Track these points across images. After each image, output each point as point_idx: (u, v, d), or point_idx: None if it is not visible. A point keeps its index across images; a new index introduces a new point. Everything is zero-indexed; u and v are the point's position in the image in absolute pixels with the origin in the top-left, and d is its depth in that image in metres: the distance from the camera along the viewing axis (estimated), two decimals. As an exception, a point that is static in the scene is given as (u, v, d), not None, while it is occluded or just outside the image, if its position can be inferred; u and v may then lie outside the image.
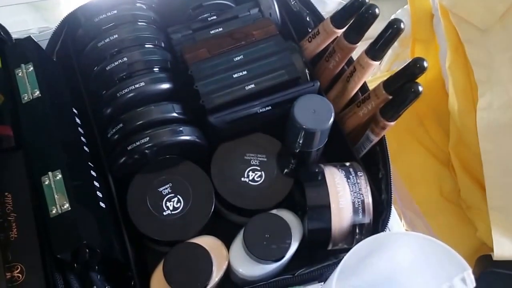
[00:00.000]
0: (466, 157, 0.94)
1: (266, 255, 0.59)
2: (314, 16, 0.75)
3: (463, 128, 0.93)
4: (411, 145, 1.03)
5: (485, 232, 0.88)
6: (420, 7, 0.99)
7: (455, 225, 0.98)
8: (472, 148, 0.91)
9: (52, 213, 0.55)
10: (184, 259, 0.59)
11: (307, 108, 0.61)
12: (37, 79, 0.62)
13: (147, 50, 0.67)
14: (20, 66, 0.62)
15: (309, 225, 0.61)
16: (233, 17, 0.72)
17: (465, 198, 0.95)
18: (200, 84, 0.64)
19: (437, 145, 1.02)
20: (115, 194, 0.64)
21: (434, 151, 1.02)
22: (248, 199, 0.64)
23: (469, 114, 0.91)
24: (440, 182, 1.00)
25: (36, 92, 0.61)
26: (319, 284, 0.61)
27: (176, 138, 0.63)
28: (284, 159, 0.66)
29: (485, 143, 0.86)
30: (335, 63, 0.70)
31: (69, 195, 0.55)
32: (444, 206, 0.99)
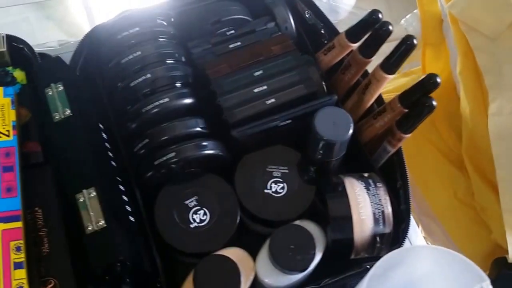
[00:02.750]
0: (479, 160, 0.96)
1: (292, 266, 0.61)
2: (329, 28, 0.77)
3: (475, 131, 0.94)
4: (424, 148, 1.05)
5: (500, 234, 0.90)
6: (429, 12, 1.01)
7: (470, 227, 1.00)
8: (484, 151, 0.93)
9: (88, 230, 0.57)
10: (213, 271, 0.61)
11: (327, 120, 0.63)
12: (67, 98, 0.64)
13: (169, 66, 0.69)
14: (50, 86, 0.64)
15: (332, 236, 0.63)
16: (250, 31, 0.74)
17: (479, 201, 0.97)
18: (223, 99, 0.66)
19: (450, 147, 1.04)
20: (143, 207, 0.66)
21: (448, 154, 1.04)
22: (271, 210, 0.66)
23: (481, 118, 0.92)
24: (454, 185, 1.02)
25: (67, 111, 0.63)
26: (343, 292, 0.63)
27: (201, 153, 0.65)
28: (305, 170, 0.68)
29: (497, 147, 0.88)
30: (350, 76, 0.72)
31: (103, 212, 0.58)
32: (458, 209, 1.01)
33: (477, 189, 0.97)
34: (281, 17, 0.74)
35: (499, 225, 0.90)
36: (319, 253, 0.64)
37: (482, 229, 0.99)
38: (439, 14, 1.03)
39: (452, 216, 1.01)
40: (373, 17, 0.66)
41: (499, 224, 0.91)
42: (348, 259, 0.66)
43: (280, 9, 0.75)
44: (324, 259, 0.65)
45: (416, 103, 0.64)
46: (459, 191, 1.02)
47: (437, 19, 1.02)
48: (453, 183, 1.03)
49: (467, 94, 0.94)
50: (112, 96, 0.70)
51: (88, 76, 0.74)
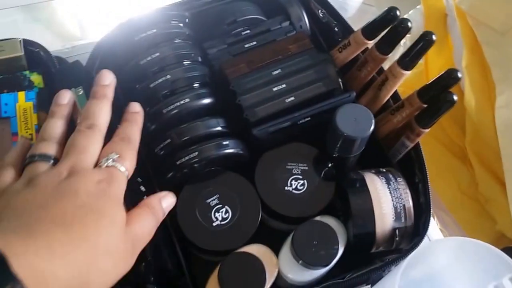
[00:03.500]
0: (483, 152, 0.98)
1: (315, 261, 0.62)
2: (342, 26, 0.78)
3: (480, 124, 0.96)
4: (427, 142, 1.07)
5: (505, 224, 0.92)
6: (433, 7, 1.02)
7: (474, 218, 1.01)
8: (489, 143, 0.94)
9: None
10: (238, 268, 0.62)
11: (348, 117, 0.64)
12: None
13: (187, 67, 0.69)
14: (71, 90, 0.65)
15: (354, 231, 0.64)
16: (265, 30, 0.74)
17: (484, 192, 0.98)
18: (243, 98, 0.67)
19: (452, 140, 1.05)
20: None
21: (450, 146, 1.06)
22: (292, 207, 0.67)
23: (486, 111, 0.94)
24: (458, 177, 1.03)
25: (88, 115, 0.64)
26: (366, 286, 0.64)
27: (222, 152, 0.66)
28: (324, 167, 0.69)
29: (504, 139, 0.89)
30: (366, 72, 0.73)
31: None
32: (462, 201, 1.03)
33: (482, 180, 0.99)
34: (295, 16, 0.75)
35: (504, 216, 0.92)
36: (340, 248, 0.65)
37: (487, 220, 1.00)
38: (443, 9, 1.04)
39: (456, 208, 1.03)
40: (391, 14, 0.67)
41: (504, 215, 0.92)
42: (369, 253, 0.67)
43: (294, 8, 0.75)
44: (345, 254, 0.66)
45: (436, 98, 0.65)
46: (463, 183, 1.04)
47: (441, 14, 1.04)
48: (457, 176, 1.05)
49: (473, 87, 0.96)
50: (129, 97, 0.71)
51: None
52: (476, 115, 0.97)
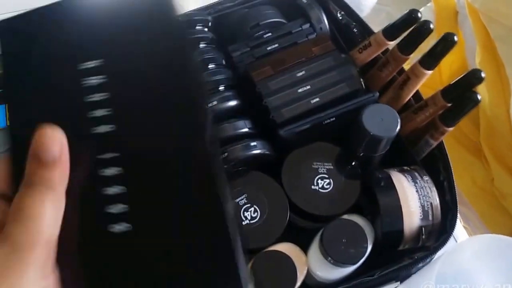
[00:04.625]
0: (498, 148, 0.99)
1: (345, 259, 0.64)
2: (361, 27, 0.79)
3: (494, 119, 0.97)
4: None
5: (522, 219, 0.93)
6: (444, 5, 1.04)
7: (490, 213, 1.03)
8: (504, 139, 0.96)
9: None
10: (269, 266, 0.63)
11: (374, 117, 0.66)
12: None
13: (213, 70, 0.71)
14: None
15: (382, 229, 0.65)
16: (287, 33, 0.76)
17: (499, 187, 0.99)
18: (268, 100, 0.68)
19: (467, 136, 1.07)
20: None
21: (465, 142, 1.07)
22: (319, 206, 0.68)
23: (501, 106, 0.95)
24: (473, 173, 1.04)
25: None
26: (396, 283, 0.66)
27: (251, 152, 0.67)
28: (349, 166, 0.70)
29: (520, 134, 0.91)
30: (387, 72, 0.74)
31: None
32: (478, 196, 1.04)
33: (497, 175, 1.00)
34: (315, 18, 0.76)
35: (521, 210, 0.93)
36: (369, 246, 0.66)
37: (502, 214, 1.01)
38: (453, 7, 1.06)
39: (474, 204, 1.04)
40: (412, 16, 0.68)
41: (521, 209, 0.93)
42: (396, 251, 0.68)
43: (314, 11, 0.77)
44: (372, 252, 0.67)
45: (460, 98, 0.66)
46: (478, 179, 1.05)
47: (452, 12, 1.05)
48: (472, 171, 1.06)
49: (487, 84, 0.97)
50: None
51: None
52: (490, 111, 0.98)
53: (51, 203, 0.36)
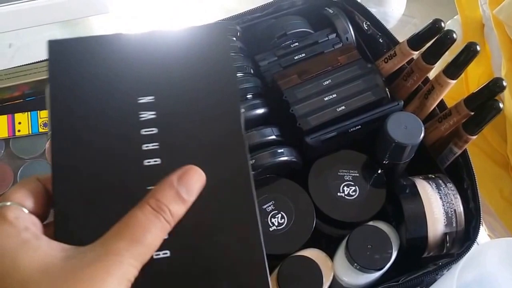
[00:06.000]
0: (526, 161, 0.99)
1: (370, 265, 0.65)
2: (387, 37, 0.80)
3: (521, 132, 0.97)
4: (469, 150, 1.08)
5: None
6: (470, 17, 1.04)
7: (518, 226, 1.03)
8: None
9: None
10: (296, 271, 0.65)
11: (399, 124, 0.67)
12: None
13: (241, 78, 0.72)
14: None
15: (407, 235, 0.66)
16: (313, 43, 0.77)
17: (527, 200, 0.99)
18: (295, 108, 0.70)
19: (494, 148, 1.07)
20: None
21: (492, 154, 1.07)
22: (345, 212, 0.70)
23: (527, 118, 0.95)
24: (500, 185, 1.04)
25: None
26: (420, 289, 0.66)
27: (278, 159, 0.68)
28: (375, 173, 0.71)
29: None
30: (412, 82, 0.75)
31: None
32: (505, 208, 1.04)
33: (525, 188, 1.00)
34: (342, 28, 0.78)
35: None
36: (394, 252, 0.67)
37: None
38: (480, 19, 1.06)
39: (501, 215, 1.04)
40: (436, 26, 0.70)
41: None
42: (420, 257, 0.69)
43: (340, 21, 0.78)
44: (397, 258, 0.68)
45: (483, 106, 0.67)
46: (505, 191, 1.05)
47: (478, 24, 1.06)
48: (499, 183, 1.06)
49: (513, 96, 0.97)
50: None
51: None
52: (517, 124, 0.98)
53: (163, 235, 0.38)
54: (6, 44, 1.21)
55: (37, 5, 0.98)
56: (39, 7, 0.97)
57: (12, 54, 1.19)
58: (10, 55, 1.20)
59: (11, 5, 0.92)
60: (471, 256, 0.64)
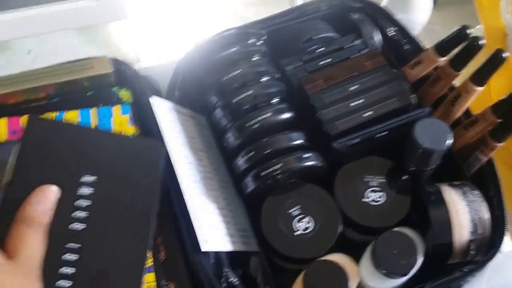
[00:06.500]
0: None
1: (396, 270, 0.64)
2: (412, 43, 0.81)
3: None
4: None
5: None
6: (493, 27, 1.04)
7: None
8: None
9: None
10: (322, 276, 0.64)
11: (426, 130, 0.67)
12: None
13: (267, 83, 0.73)
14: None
15: (433, 241, 0.66)
16: (339, 48, 0.77)
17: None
18: (322, 113, 0.70)
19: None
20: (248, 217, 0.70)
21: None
22: (371, 218, 0.70)
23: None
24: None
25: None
26: (445, 295, 0.66)
27: (304, 164, 0.69)
28: (400, 180, 0.71)
29: None
30: (438, 88, 0.75)
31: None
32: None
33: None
34: (367, 34, 0.78)
35: None
36: (419, 258, 0.67)
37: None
38: (502, 28, 1.06)
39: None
40: (463, 32, 0.70)
41: None
42: (445, 264, 0.69)
43: (366, 27, 0.78)
44: (422, 264, 0.68)
45: (510, 113, 0.67)
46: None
47: (501, 33, 1.05)
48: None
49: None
50: (210, 112, 0.74)
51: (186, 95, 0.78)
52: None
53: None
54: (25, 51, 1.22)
55: (55, 11, 0.98)
56: (57, 13, 0.98)
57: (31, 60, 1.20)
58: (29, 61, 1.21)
59: (29, 11, 0.92)
60: (497, 264, 0.64)
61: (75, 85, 0.73)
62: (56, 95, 0.73)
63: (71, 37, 1.16)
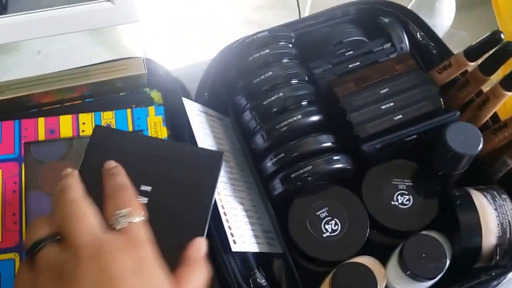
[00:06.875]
0: None
1: (425, 273, 0.65)
2: (440, 48, 0.81)
3: None
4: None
5: None
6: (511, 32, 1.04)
7: None
8: None
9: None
10: (350, 278, 0.65)
11: (457, 134, 0.67)
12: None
13: (297, 85, 0.73)
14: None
15: (461, 245, 0.67)
16: (368, 51, 0.78)
17: None
18: (352, 116, 0.70)
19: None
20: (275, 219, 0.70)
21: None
22: (398, 221, 0.70)
23: None
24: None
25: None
26: (472, 298, 0.67)
27: (334, 166, 0.69)
28: (428, 183, 0.72)
29: None
30: (466, 93, 0.75)
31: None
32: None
33: None
34: (397, 38, 0.78)
35: None
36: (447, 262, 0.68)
37: None
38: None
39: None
40: (495, 37, 0.70)
41: None
42: (471, 268, 0.69)
43: (396, 30, 0.79)
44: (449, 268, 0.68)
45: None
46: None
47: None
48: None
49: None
50: (240, 114, 0.75)
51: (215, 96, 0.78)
52: None
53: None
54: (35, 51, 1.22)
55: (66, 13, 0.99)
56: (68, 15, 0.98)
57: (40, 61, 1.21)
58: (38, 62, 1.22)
59: (39, 13, 0.93)
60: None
61: (108, 86, 0.74)
62: (90, 95, 0.74)
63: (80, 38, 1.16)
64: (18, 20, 0.85)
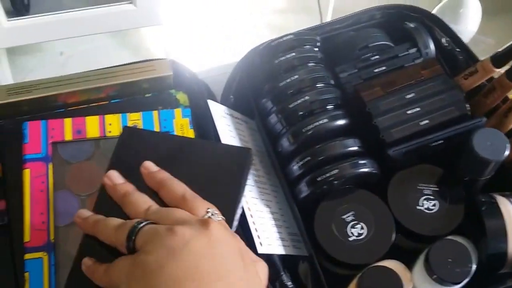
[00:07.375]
0: None
1: (451, 278, 0.65)
2: (466, 54, 0.81)
3: None
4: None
5: None
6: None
7: None
8: None
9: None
10: (376, 281, 0.65)
11: (484, 140, 0.67)
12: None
13: (323, 89, 0.73)
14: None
15: (488, 251, 0.67)
16: (393, 56, 0.78)
17: None
18: (379, 120, 0.71)
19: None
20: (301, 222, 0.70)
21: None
22: (424, 226, 0.70)
23: None
24: None
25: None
26: (498, 304, 0.67)
27: (360, 170, 0.69)
28: (454, 188, 0.72)
29: None
30: (492, 99, 0.75)
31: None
32: None
33: None
34: (422, 43, 0.78)
35: None
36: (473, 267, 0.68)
37: None
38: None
39: None
40: (523, 43, 0.70)
41: None
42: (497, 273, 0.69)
43: (421, 36, 0.79)
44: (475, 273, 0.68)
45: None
46: None
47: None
48: None
49: None
50: (266, 117, 0.75)
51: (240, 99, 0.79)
52: None
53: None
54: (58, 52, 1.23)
55: (87, 14, 0.99)
56: (89, 17, 0.99)
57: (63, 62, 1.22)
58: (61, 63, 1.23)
59: (61, 14, 0.94)
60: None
61: (134, 87, 0.74)
62: (116, 96, 0.75)
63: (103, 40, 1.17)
64: (40, 21, 0.85)
